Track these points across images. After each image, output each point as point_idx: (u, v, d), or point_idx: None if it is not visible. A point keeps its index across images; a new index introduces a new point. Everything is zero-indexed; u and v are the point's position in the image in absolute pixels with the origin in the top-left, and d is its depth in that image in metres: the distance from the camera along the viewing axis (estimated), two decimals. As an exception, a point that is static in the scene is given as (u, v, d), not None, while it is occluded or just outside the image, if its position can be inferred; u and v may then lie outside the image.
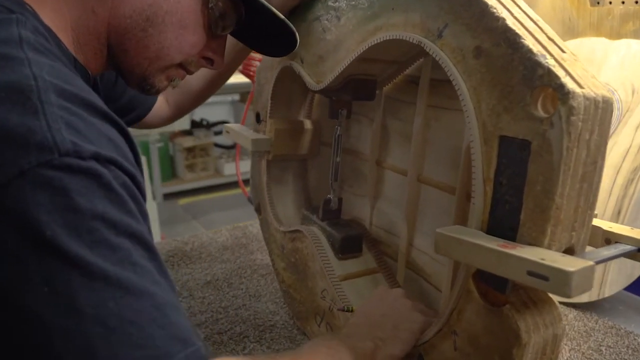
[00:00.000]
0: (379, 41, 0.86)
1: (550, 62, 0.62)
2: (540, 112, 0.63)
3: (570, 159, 0.61)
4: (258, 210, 1.30)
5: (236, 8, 0.83)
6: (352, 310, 0.95)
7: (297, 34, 0.91)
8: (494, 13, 0.68)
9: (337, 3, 0.97)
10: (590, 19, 1.34)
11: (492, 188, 0.69)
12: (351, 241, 1.07)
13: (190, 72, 0.88)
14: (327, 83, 1.00)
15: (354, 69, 0.98)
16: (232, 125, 1.31)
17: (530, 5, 1.43)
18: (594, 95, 0.61)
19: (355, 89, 1.00)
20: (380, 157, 1.10)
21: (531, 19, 0.71)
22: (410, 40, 0.79)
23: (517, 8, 0.72)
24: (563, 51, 0.67)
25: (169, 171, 4.86)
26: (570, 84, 0.60)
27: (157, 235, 3.04)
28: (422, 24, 0.79)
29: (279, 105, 1.21)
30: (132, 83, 0.85)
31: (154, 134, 2.80)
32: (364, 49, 0.90)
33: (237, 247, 1.55)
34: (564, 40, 1.37)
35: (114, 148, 0.57)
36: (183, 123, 2.79)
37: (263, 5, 0.84)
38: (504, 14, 0.68)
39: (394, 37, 0.83)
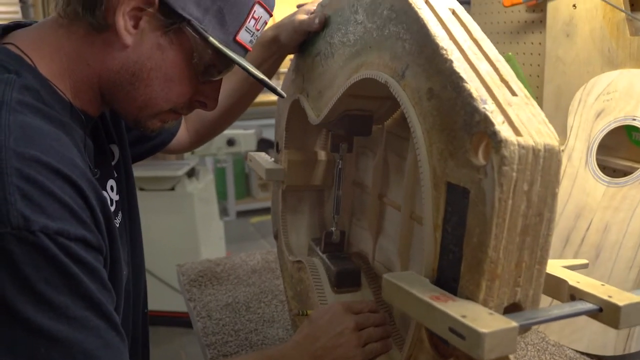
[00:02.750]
0: (359, 79, 0.86)
1: (489, 108, 0.60)
2: (478, 160, 0.60)
3: (503, 211, 0.58)
4: (276, 237, 1.32)
5: (222, 59, 0.84)
6: (307, 314, 0.97)
7: (278, 89, 0.91)
8: (443, 55, 0.66)
9: (332, 39, 0.98)
10: (630, 50, 1.26)
11: (441, 235, 0.67)
12: (348, 275, 1.06)
13: (185, 114, 0.92)
14: (323, 118, 1.00)
15: (349, 105, 0.98)
16: (255, 154, 1.34)
17: (569, 36, 1.37)
18: (532, 144, 0.58)
19: (350, 124, 1.00)
20: (382, 192, 1.08)
21: (488, 60, 0.68)
22: (380, 80, 0.79)
23: (475, 48, 0.69)
24: (514, 94, 0.64)
25: (244, 189, 4.99)
26: (504, 132, 0.57)
27: (222, 252, 3.12)
28: (390, 64, 0.78)
29: (294, 136, 1.22)
30: (128, 124, 0.91)
31: (221, 154, 2.89)
32: (348, 86, 0.89)
33: (266, 271, 1.57)
34: (604, 71, 1.30)
35: (67, 214, 0.64)
36: (249, 143, 2.85)
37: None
38: (453, 55, 0.66)
39: (369, 76, 0.82)
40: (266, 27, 0.92)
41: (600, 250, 1.18)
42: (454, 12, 0.76)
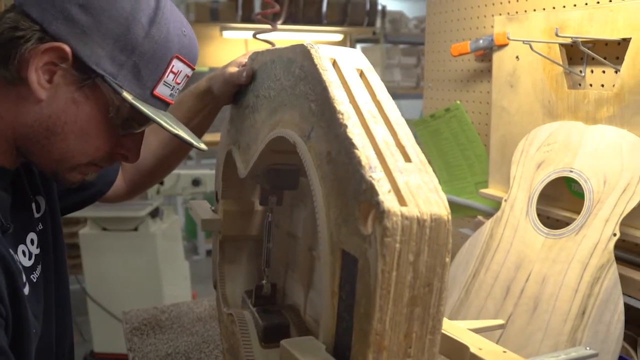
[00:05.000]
0: (274, 137, 0.85)
1: (376, 176, 0.59)
2: (366, 229, 0.59)
3: (387, 282, 0.57)
4: (215, 286, 1.30)
5: (139, 113, 0.84)
6: None
7: (194, 142, 0.90)
8: (339, 119, 0.66)
9: (258, 93, 0.98)
10: (568, 102, 1.27)
11: (337, 302, 0.65)
12: (276, 330, 1.04)
13: (106, 166, 0.92)
14: (248, 171, 0.99)
15: (272, 159, 0.97)
16: (196, 202, 1.32)
17: (513, 87, 1.39)
18: (417, 214, 0.57)
19: (275, 178, 0.99)
20: (312, 245, 1.07)
21: (388, 123, 0.68)
22: (290, 140, 0.78)
23: (375, 111, 0.69)
24: (409, 160, 0.64)
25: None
26: (388, 202, 0.57)
27: (187, 292, 3.08)
28: (300, 124, 0.77)
29: (231, 186, 1.21)
30: (48, 176, 0.90)
31: (186, 194, 2.89)
32: (266, 143, 0.89)
33: (211, 319, 1.54)
34: (545, 122, 1.31)
35: None
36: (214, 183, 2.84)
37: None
38: (350, 120, 0.65)
39: (282, 135, 0.82)
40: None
41: (538, 302, 1.17)
42: (361, 74, 0.76)
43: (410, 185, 0.60)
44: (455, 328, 0.77)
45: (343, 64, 0.75)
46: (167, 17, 0.83)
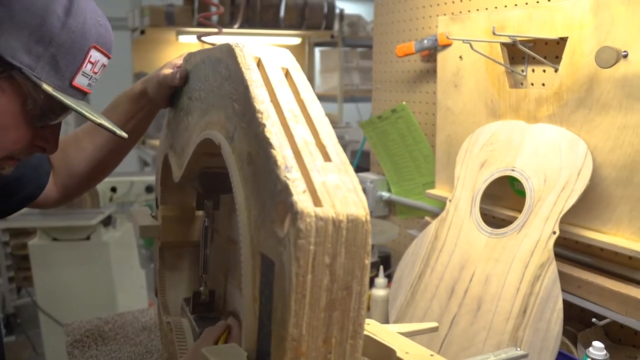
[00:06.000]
0: (202, 138, 0.83)
1: (291, 176, 0.57)
2: (282, 231, 0.57)
3: (302, 286, 0.55)
4: (156, 294, 1.26)
5: (58, 104, 0.82)
6: None
7: (117, 131, 0.88)
8: (258, 118, 0.64)
9: (191, 95, 0.95)
10: (510, 101, 1.27)
11: (259, 308, 0.63)
12: (214, 338, 1.01)
13: (23, 159, 0.89)
14: (181, 175, 0.97)
15: (205, 162, 0.95)
16: (137, 209, 1.29)
17: (457, 87, 1.38)
18: (332, 215, 0.55)
19: (208, 182, 0.97)
20: (251, 250, 1.05)
21: (310, 123, 0.66)
22: (215, 141, 0.76)
23: (298, 110, 0.67)
24: (329, 159, 0.62)
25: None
26: (302, 203, 0.55)
27: (143, 301, 3.02)
28: (225, 125, 0.75)
29: (170, 191, 1.18)
30: None
31: (140, 201, 2.84)
32: (196, 145, 0.86)
33: (156, 328, 1.50)
34: (488, 122, 1.31)
35: None
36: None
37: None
38: (269, 119, 0.63)
39: (208, 137, 0.79)
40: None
41: (481, 302, 1.16)
42: (287, 73, 0.74)
43: (327, 185, 0.58)
44: (384, 332, 0.75)
45: (268, 63, 0.73)
46: (83, 7, 0.80)
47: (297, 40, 4.53)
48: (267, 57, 0.75)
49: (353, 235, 0.57)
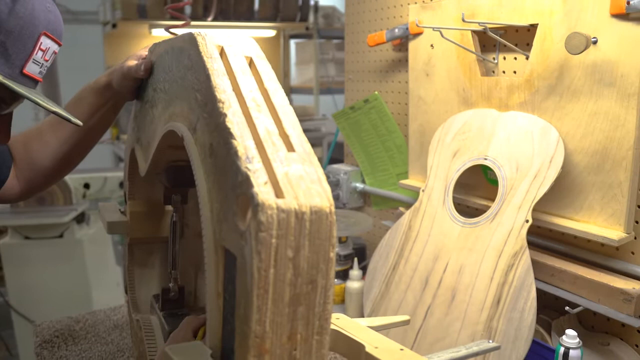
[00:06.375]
0: (166, 131, 0.80)
1: (252, 167, 0.55)
2: (244, 225, 0.55)
3: (265, 281, 0.53)
4: (127, 291, 1.23)
5: (8, 92, 0.80)
6: None
7: (72, 119, 0.85)
8: (219, 108, 0.62)
9: (156, 86, 0.93)
10: (481, 89, 1.27)
11: (222, 304, 0.61)
12: (184, 336, 0.99)
13: None
14: (147, 169, 0.94)
15: (171, 156, 0.93)
16: (105, 204, 1.26)
17: (429, 76, 1.37)
18: (295, 207, 0.54)
19: (174, 175, 0.94)
20: (220, 244, 1.03)
21: (273, 112, 0.64)
22: (178, 133, 0.73)
23: (261, 99, 0.65)
24: (292, 149, 0.60)
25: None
26: (263, 194, 0.53)
27: (119, 298, 2.97)
28: (188, 116, 0.73)
29: (138, 186, 1.15)
30: None
31: (115, 197, 2.80)
32: (160, 138, 0.84)
33: (128, 326, 1.47)
34: (460, 110, 1.30)
35: None
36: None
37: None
38: (230, 109, 0.61)
39: (172, 129, 0.77)
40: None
41: (455, 292, 1.16)
42: (251, 62, 0.72)
43: (290, 176, 0.56)
44: (354, 326, 0.74)
45: (231, 52, 0.71)
46: None
47: (271, 33, 4.48)
48: (230, 46, 0.72)
49: (317, 228, 0.55)
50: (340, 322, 0.75)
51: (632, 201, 1.05)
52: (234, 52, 0.71)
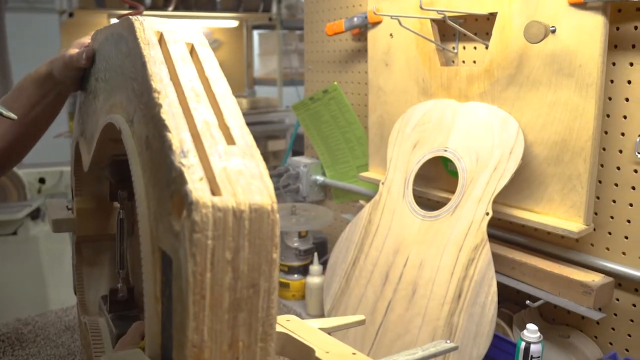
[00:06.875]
0: (105, 123, 0.75)
1: (187, 162, 0.51)
2: (178, 225, 0.51)
3: (201, 285, 0.49)
4: (75, 292, 1.18)
5: None
6: None
7: (4, 112, 0.80)
8: (155, 98, 0.57)
9: (99, 75, 0.87)
10: (441, 80, 1.24)
11: (161, 310, 0.57)
12: (132, 338, 0.94)
13: None
14: (89, 163, 0.89)
15: (114, 149, 0.88)
16: (53, 201, 1.20)
17: (388, 65, 1.34)
18: (232, 205, 0.50)
19: (118, 170, 0.89)
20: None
21: (213, 102, 0.60)
22: (117, 126, 0.69)
23: (200, 88, 0.61)
24: (233, 142, 0.56)
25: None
26: (197, 192, 0.49)
27: (78, 297, 2.90)
28: (127, 107, 0.68)
29: (85, 182, 1.10)
30: None
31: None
32: (100, 131, 0.79)
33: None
34: (420, 101, 1.27)
35: None
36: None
37: None
38: (166, 99, 0.57)
39: (110, 121, 0.72)
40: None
41: (416, 287, 1.13)
42: (192, 49, 0.67)
43: (229, 171, 0.52)
44: (305, 329, 0.70)
45: (171, 38, 0.67)
46: None
47: (234, 23, 4.41)
48: (170, 32, 0.68)
49: (257, 227, 0.51)
50: (290, 324, 0.72)
51: (591, 193, 1.04)
52: (174, 39, 0.67)
